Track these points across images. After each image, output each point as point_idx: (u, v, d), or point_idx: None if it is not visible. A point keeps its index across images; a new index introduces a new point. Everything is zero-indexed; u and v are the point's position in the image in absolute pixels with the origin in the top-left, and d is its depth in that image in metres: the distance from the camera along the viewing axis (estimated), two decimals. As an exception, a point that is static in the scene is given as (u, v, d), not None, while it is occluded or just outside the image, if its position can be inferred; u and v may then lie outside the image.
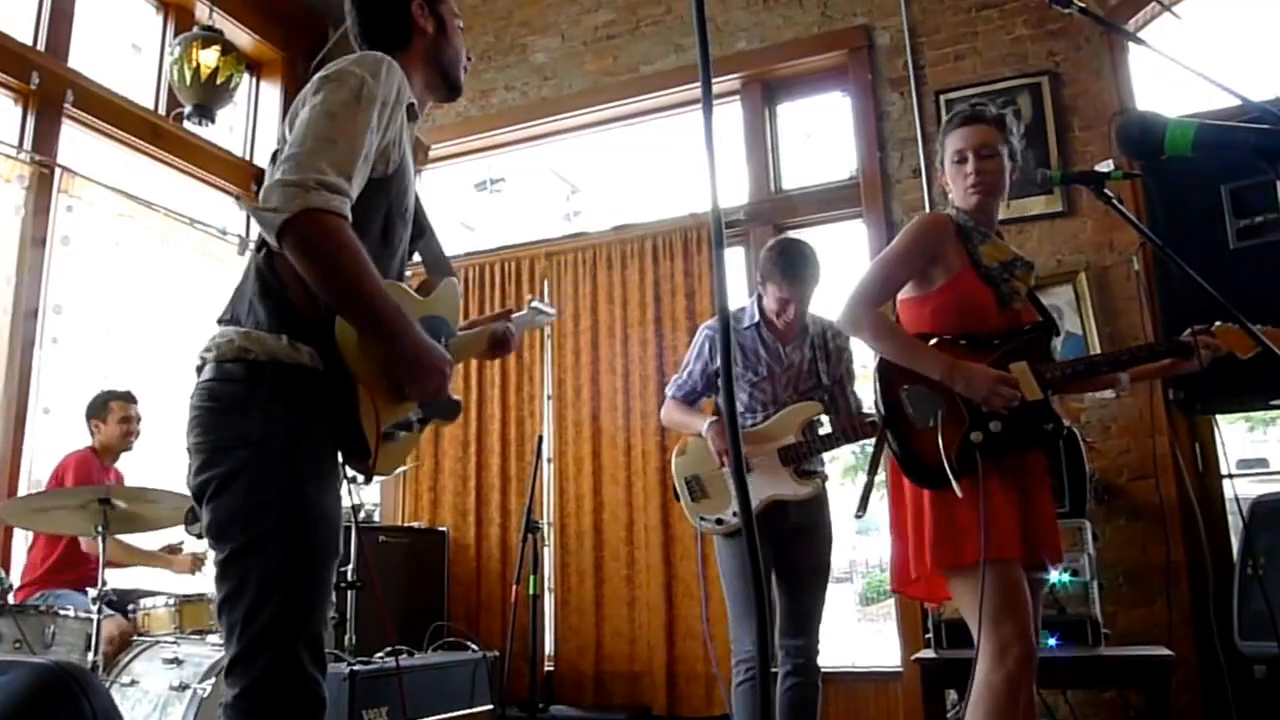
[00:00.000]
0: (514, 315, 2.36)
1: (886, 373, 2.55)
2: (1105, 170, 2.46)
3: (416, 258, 2.24)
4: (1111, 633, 3.69)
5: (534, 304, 2.54)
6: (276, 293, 1.82)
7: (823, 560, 3.63)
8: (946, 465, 2.38)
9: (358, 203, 1.80)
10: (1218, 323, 2.67)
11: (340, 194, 1.71)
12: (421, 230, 2.15)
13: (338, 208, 1.70)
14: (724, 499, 3.58)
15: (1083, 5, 1.94)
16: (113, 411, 4.59)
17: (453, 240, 6.67)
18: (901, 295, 2.68)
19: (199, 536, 4.11)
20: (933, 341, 2.55)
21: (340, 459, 1.89)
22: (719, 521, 3.57)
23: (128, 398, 4.65)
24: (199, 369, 1.88)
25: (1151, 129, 1.38)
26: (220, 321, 1.90)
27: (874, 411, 2.62)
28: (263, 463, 1.74)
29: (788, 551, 3.54)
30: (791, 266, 3.55)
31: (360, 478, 1.95)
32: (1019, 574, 2.37)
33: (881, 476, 2.72)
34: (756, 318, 3.69)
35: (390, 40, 2.07)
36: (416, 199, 2.12)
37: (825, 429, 3.62)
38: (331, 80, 1.82)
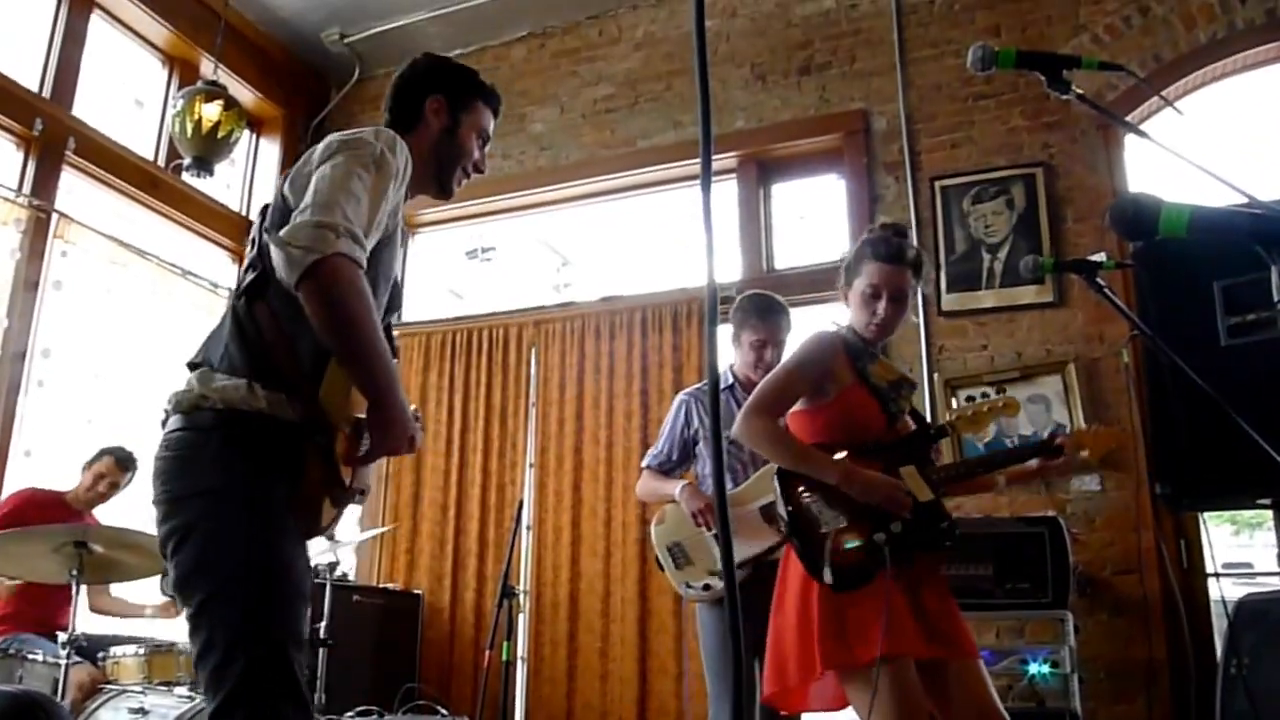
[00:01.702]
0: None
1: (787, 480, 2.60)
2: (1098, 260, 2.48)
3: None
4: (1091, 730, 3.62)
5: None
6: (253, 338, 1.83)
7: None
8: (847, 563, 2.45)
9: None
10: (1080, 424, 2.80)
11: (362, 246, 1.76)
12: (395, 304, 2.18)
13: (360, 258, 1.75)
14: (708, 562, 3.51)
15: (1080, 93, 1.95)
16: (99, 461, 4.52)
17: (442, 306, 6.68)
18: (792, 409, 2.74)
19: (167, 594, 4.07)
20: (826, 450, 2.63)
21: None
22: (706, 587, 3.49)
23: (122, 463, 4.55)
24: (163, 422, 1.88)
25: (1146, 209, 1.38)
26: (189, 365, 1.90)
27: (780, 520, 2.64)
28: (221, 512, 1.74)
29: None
30: (764, 308, 3.68)
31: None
32: (913, 675, 2.36)
33: None
34: (730, 380, 3.73)
35: (400, 122, 2.16)
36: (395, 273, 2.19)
37: None
38: (351, 146, 1.87)
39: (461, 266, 9.44)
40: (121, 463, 4.55)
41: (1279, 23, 4.72)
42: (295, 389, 1.80)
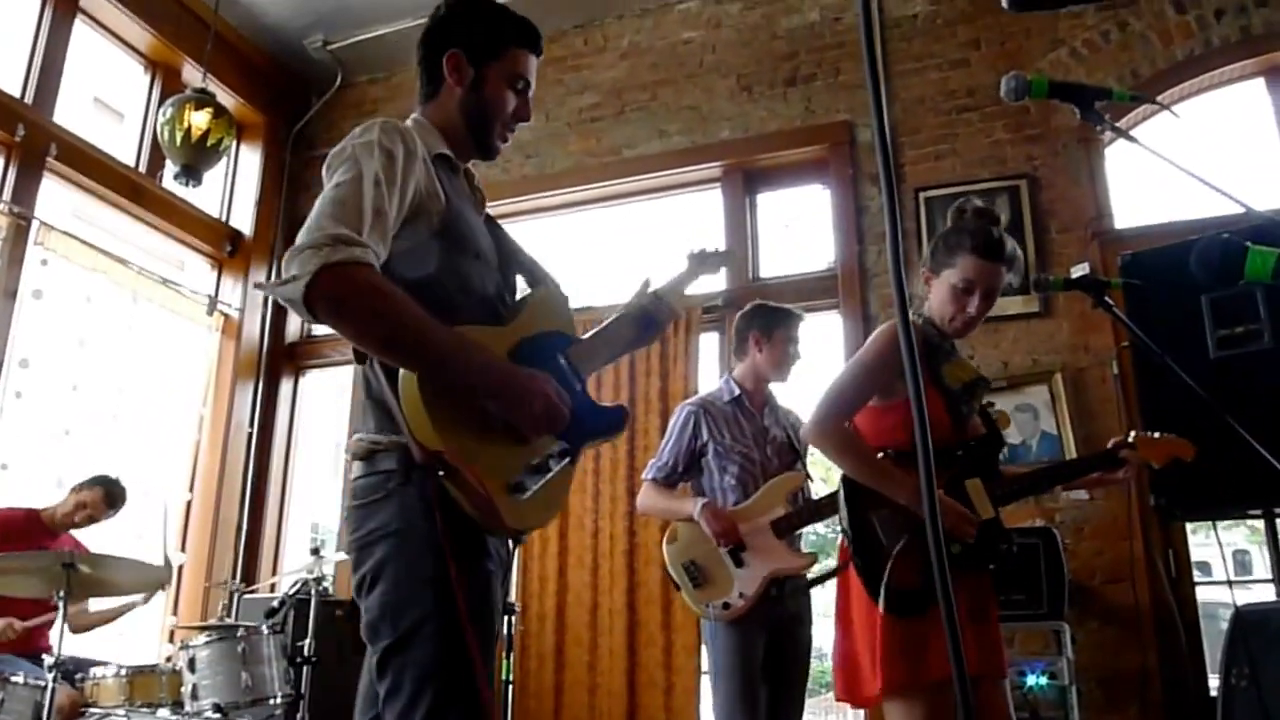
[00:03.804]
0: (664, 284, 2.19)
1: (854, 495, 2.50)
2: (1105, 279, 2.50)
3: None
4: (1084, 739, 3.65)
5: (694, 253, 2.38)
6: (377, 393, 1.77)
7: (808, 662, 3.54)
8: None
9: (415, 259, 1.77)
10: (1134, 432, 2.75)
11: (357, 245, 1.63)
12: (526, 270, 2.08)
13: (360, 257, 1.62)
14: (727, 581, 3.46)
15: (1116, 125, 1.98)
16: (88, 490, 4.41)
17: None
18: None
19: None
20: (880, 455, 2.51)
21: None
22: (726, 606, 3.42)
23: (110, 499, 4.44)
24: (349, 472, 1.85)
25: (1232, 254, 1.38)
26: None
27: (844, 533, 2.57)
28: (405, 553, 1.69)
29: (783, 647, 3.45)
30: (784, 310, 3.73)
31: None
32: (952, 701, 2.35)
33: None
34: (736, 391, 3.69)
35: (425, 92, 2.05)
36: (506, 240, 2.07)
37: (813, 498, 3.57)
38: (329, 163, 1.80)
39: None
40: (110, 497, 4.44)
41: (1253, 40, 4.82)
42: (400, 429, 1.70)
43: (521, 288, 2.10)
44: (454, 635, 1.64)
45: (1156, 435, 2.75)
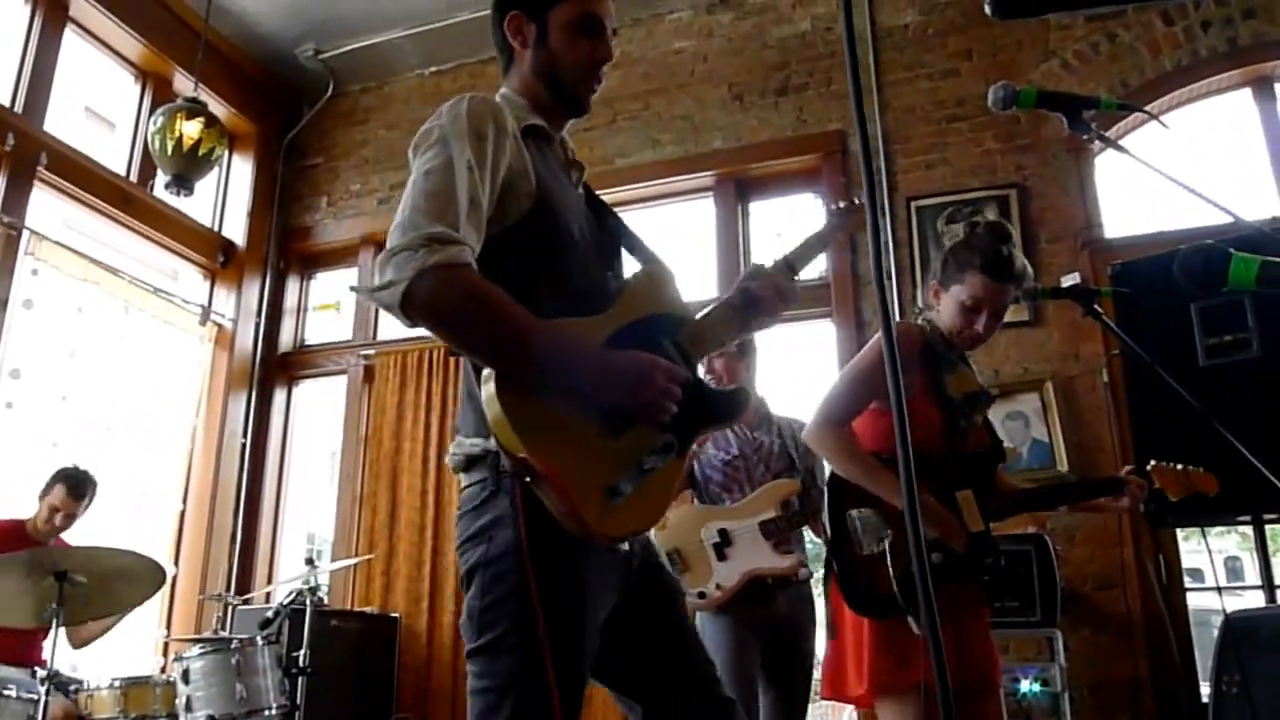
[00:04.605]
0: (790, 250, 2.03)
1: (838, 492, 2.51)
2: (1094, 288, 2.51)
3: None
4: (1077, 746, 3.67)
5: (828, 212, 2.20)
6: (471, 388, 1.73)
7: (809, 671, 3.55)
8: (898, 595, 2.36)
9: (503, 245, 1.70)
10: (1153, 462, 2.73)
11: (454, 243, 1.55)
12: (631, 248, 1.97)
13: (457, 257, 1.55)
14: (706, 572, 3.52)
15: (1104, 135, 1.99)
16: (51, 492, 4.35)
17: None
18: None
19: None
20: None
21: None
22: (701, 595, 3.48)
23: (74, 491, 4.36)
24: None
25: (1215, 262, 1.39)
26: None
27: (823, 533, 2.58)
28: (492, 561, 1.64)
29: (782, 654, 3.47)
30: None
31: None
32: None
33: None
34: None
35: (503, 66, 1.95)
36: (608, 216, 1.97)
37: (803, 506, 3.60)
38: (416, 146, 1.73)
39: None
40: (74, 490, 4.36)
41: (1240, 51, 4.86)
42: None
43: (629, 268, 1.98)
44: (534, 651, 1.60)
45: (1178, 467, 2.74)
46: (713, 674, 1.86)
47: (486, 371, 1.59)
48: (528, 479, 1.58)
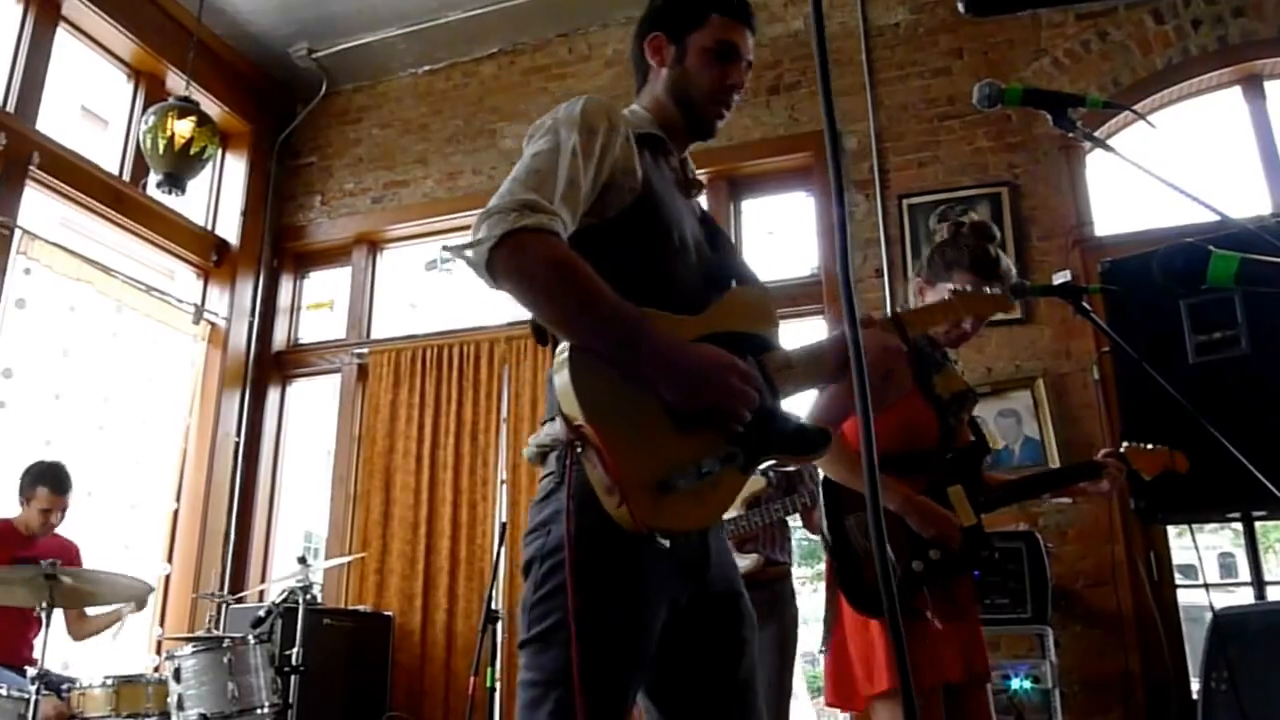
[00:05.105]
0: (886, 316, 2.01)
1: (834, 498, 2.52)
2: (1083, 285, 2.52)
3: None
4: (1068, 742, 3.68)
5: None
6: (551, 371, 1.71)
7: (774, 674, 3.47)
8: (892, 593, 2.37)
9: (603, 236, 1.72)
10: (1125, 444, 2.76)
11: (546, 212, 1.58)
12: (737, 273, 1.93)
13: (546, 224, 1.57)
14: None
15: (1089, 131, 1.99)
16: (37, 498, 4.34)
17: (413, 322, 6.66)
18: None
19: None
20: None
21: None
22: None
23: (58, 488, 4.37)
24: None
25: (1194, 259, 1.40)
26: None
27: (822, 537, 2.59)
28: (552, 551, 1.61)
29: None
30: None
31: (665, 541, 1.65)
32: (941, 705, 2.37)
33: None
34: None
35: (637, 84, 2.03)
36: (719, 237, 1.97)
37: (775, 507, 3.60)
38: (531, 133, 1.77)
39: (420, 278, 9.43)
40: (58, 486, 4.37)
41: (1230, 49, 4.88)
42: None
43: None
44: (583, 647, 1.55)
45: (1149, 446, 2.78)
46: None
47: (563, 344, 1.59)
48: (579, 449, 1.56)
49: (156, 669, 4.42)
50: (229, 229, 6.39)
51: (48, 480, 4.37)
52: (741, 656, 1.80)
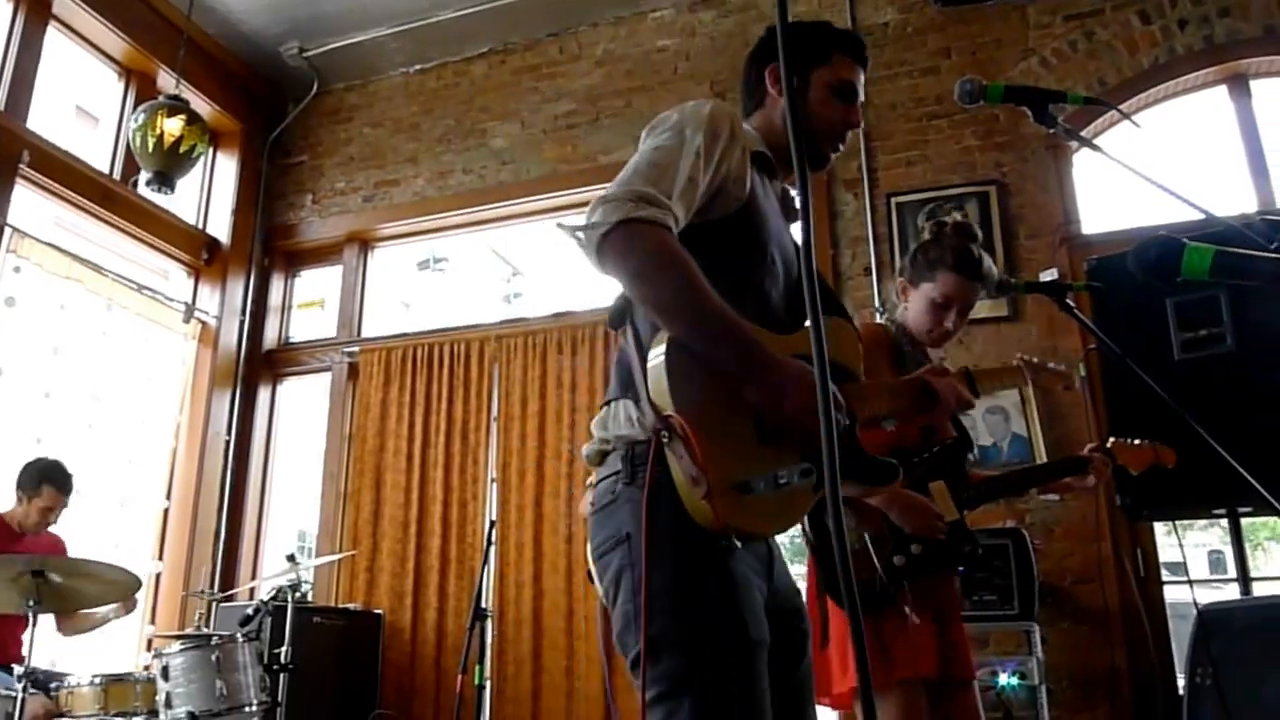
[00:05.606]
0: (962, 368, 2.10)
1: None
2: (1067, 282, 2.54)
3: None
4: (1055, 738, 3.70)
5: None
6: (620, 360, 1.73)
7: None
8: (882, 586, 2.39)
9: (704, 239, 1.72)
10: (1112, 439, 2.77)
11: (661, 207, 1.61)
12: (829, 304, 1.92)
13: (659, 218, 1.60)
14: None
15: (1069, 128, 2.01)
16: (42, 496, 4.34)
17: (402, 320, 6.66)
18: None
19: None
20: None
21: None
22: None
23: (63, 487, 4.39)
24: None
25: (1169, 252, 1.41)
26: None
27: (804, 535, 2.60)
28: (636, 559, 1.59)
29: None
30: None
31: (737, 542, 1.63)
32: (923, 699, 2.38)
33: None
34: None
35: (747, 107, 2.05)
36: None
37: None
38: (653, 125, 1.79)
39: (413, 277, 9.41)
40: (63, 486, 4.39)
41: (1216, 49, 4.90)
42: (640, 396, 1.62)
43: None
44: (698, 643, 1.56)
45: (1136, 441, 2.79)
46: None
47: (660, 334, 1.62)
48: (665, 438, 1.56)
49: (146, 667, 4.42)
50: (220, 228, 6.39)
51: (54, 479, 4.38)
52: (802, 656, 1.83)
